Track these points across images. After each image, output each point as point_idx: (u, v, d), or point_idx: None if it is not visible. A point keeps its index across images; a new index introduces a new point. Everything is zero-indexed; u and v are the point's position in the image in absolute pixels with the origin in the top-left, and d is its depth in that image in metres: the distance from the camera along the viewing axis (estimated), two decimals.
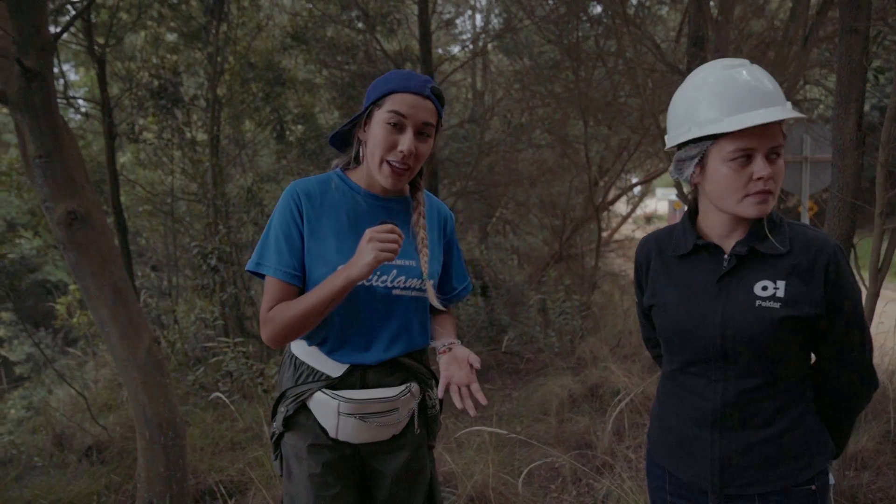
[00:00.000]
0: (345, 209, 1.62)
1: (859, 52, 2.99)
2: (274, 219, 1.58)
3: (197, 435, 4.53)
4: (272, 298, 1.54)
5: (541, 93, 8.45)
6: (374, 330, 1.61)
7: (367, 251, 1.43)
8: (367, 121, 1.59)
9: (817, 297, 1.33)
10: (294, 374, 1.64)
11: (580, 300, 7.46)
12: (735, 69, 1.35)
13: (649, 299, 1.53)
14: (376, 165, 1.56)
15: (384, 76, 1.58)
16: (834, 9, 4.84)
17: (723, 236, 1.43)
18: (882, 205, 2.94)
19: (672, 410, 1.51)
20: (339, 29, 8.55)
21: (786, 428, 1.37)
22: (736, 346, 1.36)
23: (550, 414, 4.90)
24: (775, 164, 1.32)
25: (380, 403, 1.60)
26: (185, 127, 7.69)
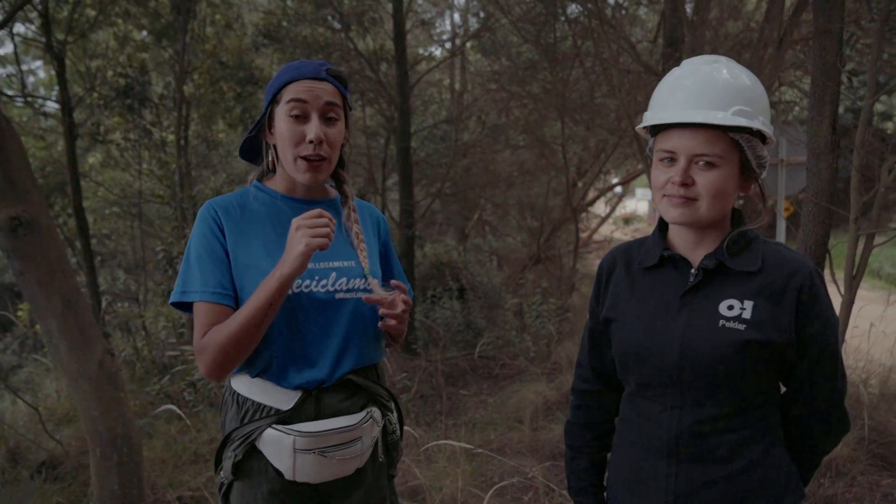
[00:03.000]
0: (268, 218, 1.49)
1: (833, 53, 2.94)
2: (192, 243, 1.44)
3: (159, 447, 4.37)
4: (204, 325, 1.38)
5: (518, 93, 8.37)
6: (321, 341, 1.45)
7: (296, 241, 1.31)
8: (270, 122, 1.48)
9: (786, 323, 1.22)
10: (238, 414, 1.46)
11: (557, 303, 7.38)
12: (712, 65, 1.26)
13: (607, 312, 1.40)
14: (291, 164, 1.45)
15: (277, 73, 1.49)
16: (808, 11, 4.80)
17: (689, 248, 1.32)
18: (857, 210, 2.88)
19: (628, 438, 1.38)
20: (314, 28, 8.40)
21: (749, 464, 1.25)
22: (694, 370, 1.24)
23: (524, 422, 4.80)
24: (705, 172, 1.21)
25: (340, 434, 1.44)
26: (153, 127, 7.49)
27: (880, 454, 3.94)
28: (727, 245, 1.28)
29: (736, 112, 1.19)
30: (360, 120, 9.62)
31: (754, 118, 1.21)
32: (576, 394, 1.54)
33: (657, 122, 1.25)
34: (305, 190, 1.53)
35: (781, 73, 5.49)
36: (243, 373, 1.46)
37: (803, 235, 2.98)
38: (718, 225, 1.30)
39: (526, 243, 11.22)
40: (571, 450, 1.53)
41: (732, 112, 1.19)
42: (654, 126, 1.28)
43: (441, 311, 7.99)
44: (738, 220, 1.32)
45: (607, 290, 1.43)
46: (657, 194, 1.28)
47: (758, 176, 1.28)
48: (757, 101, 1.23)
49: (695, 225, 1.27)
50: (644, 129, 1.34)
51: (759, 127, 1.21)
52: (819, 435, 1.33)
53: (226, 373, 1.39)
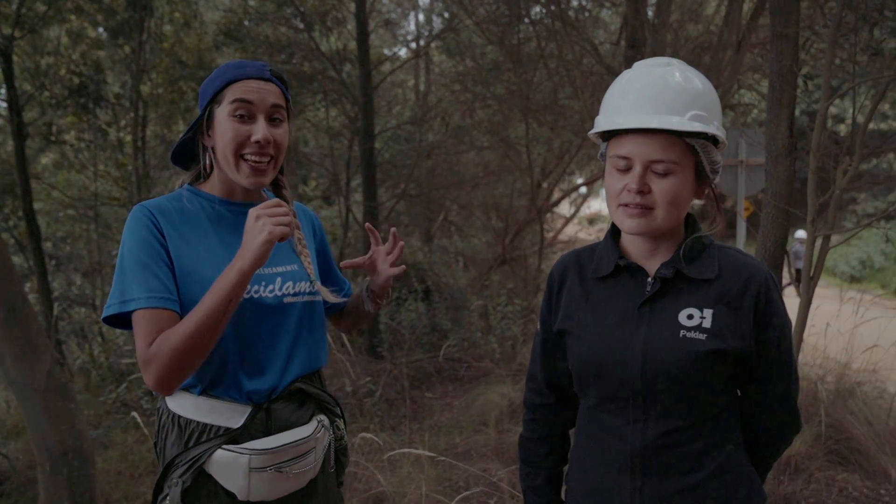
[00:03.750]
0: (207, 222, 1.42)
1: (790, 58, 2.97)
2: (127, 248, 1.33)
3: (115, 458, 4.24)
4: (150, 332, 1.26)
5: (482, 94, 8.37)
6: (270, 348, 1.40)
7: (257, 230, 1.25)
8: (209, 123, 1.40)
9: (745, 330, 1.21)
10: (181, 438, 1.36)
11: (522, 304, 7.38)
12: (664, 68, 1.22)
13: (561, 324, 1.35)
14: (233, 166, 1.38)
15: (214, 72, 1.40)
16: (765, 15, 4.89)
17: (644, 256, 1.29)
18: (814, 212, 2.92)
19: (589, 452, 1.34)
20: (276, 27, 8.27)
21: (713, 472, 1.23)
22: (657, 383, 1.21)
23: (490, 425, 4.79)
24: (661, 179, 1.18)
25: (295, 447, 1.39)
26: (109, 127, 7.28)
27: (836, 450, 4.03)
28: (683, 252, 1.25)
29: (692, 117, 1.17)
30: (324, 121, 9.51)
31: (710, 123, 1.19)
32: (529, 407, 1.49)
33: (612, 128, 1.21)
34: (244, 193, 1.47)
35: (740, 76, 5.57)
36: (186, 391, 1.38)
37: (762, 237, 3.01)
38: (673, 232, 1.27)
39: (491, 244, 11.23)
40: (527, 465, 1.49)
41: (689, 117, 1.16)
42: (606, 131, 1.25)
43: (406, 314, 7.93)
44: (693, 226, 1.30)
45: (559, 301, 1.38)
46: (612, 203, 1.24)
47: (711, 181, 1.25)
48: (711, 105, 1.21)
49: (651, 234, 1.24)
50: (596, 134, 1.30)
51: (715, 132, 1.19)
52: (775, 437, 1.32)
53: (178, 383, 1.28)
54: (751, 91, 6.66)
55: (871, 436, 4.11)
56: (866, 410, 4.41)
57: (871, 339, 4.66)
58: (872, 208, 17.39)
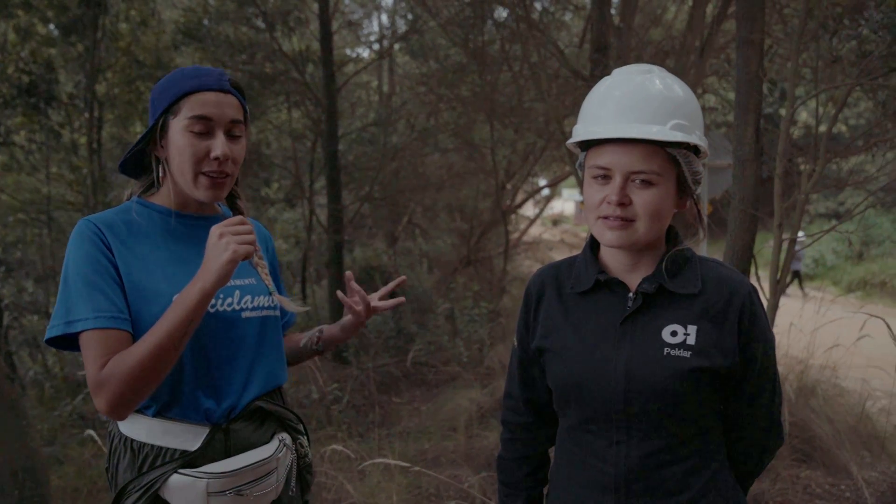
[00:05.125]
0: (159, 236, 1.35)
1: (756, 63, 3.01)
2: (72, 266, 1.25)
3: (71, 474, 4.07)
4: (101, 355, 1.19)
5: (447, 96, 8.34)
6: (228, 364, 1.35)
7: (220, 248, 1.20)
8: (162, 133, 1.32)
9: (730, 346, 1.18)
10: (134, 462, 1.29)
11: (488, 306, 7.37)
12: (644, 75, 1.18)
13: (540, 342, 1.30)
14: (190, 181, 1.31)
15: (168, 78, 1.32)
16: (727, 20, 4.97)
17: (626, 271, 1.25)
18: (780, 216, 2.96)
19: (570, 474, 1.29)
20: (237, 27, 8.11)
21: (699, 493, 1.20)
22: (641, 403, 1.17)
23: (459, 430, 4.75)
24: (643, 191, 1.14)
25: (255, 469, 1.33)
26: (62, 129, 7.03)
27: (800, 448, 4.11)
28: (665, 266, 1.22)
29: (674, 126, 1.13)
30: (286, 122, 9.36)
31: (691, 132, 1.15)
32: (507, 427, 1.44)
33: (590, 138, 1.17)
34: (197, 206, 1.41)
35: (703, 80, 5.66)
36: (139, 413, 1.31)
37: (730, 240, 3.04)
38: (654, 245, 1.23)
39: (456, 245, 11.21)
40: (506, 486, 1.44)
41: (670, 126, 1.13)
42: (585, 140, 1.21)
43: (372, 318, 7.85)
44: (674, 239, 1.26)
45: (537, 318, 1.33)
46: (591, 215, 1.20)
47: (693, 192, 1.22)
48: (693, 114, 1.17)
49: (632, 247, 1.20)
50: (574, 144, 1.26)
51: (697, 142, 1.16)
52: (759, 451, 1.30)
53: (133, 407, 1.22)
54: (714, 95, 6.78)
55: (831, 433, 4.21)
56: (827, 408, 4.51)
57: (832, 337, 4.76)
58: (824, 208, 17.95)
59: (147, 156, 1.38)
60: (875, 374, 4.80)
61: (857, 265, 15.77)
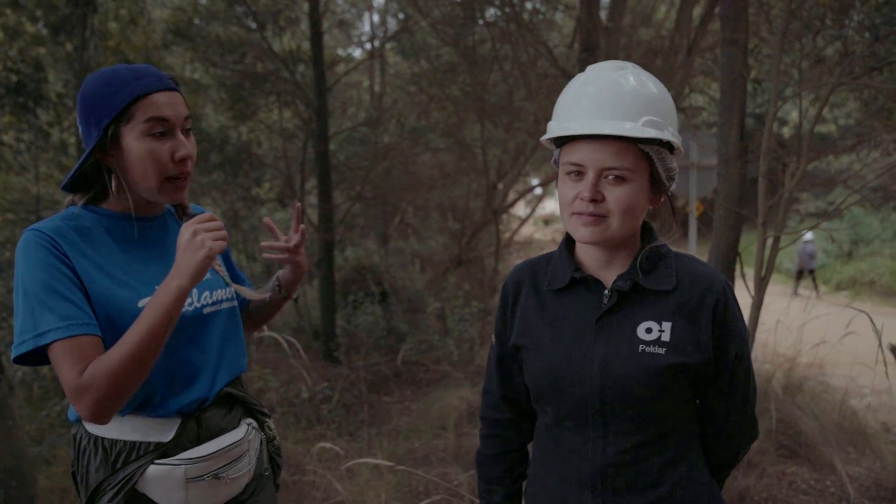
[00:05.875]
0: (111, 240, 1.33)
1: (739, 63, 3.03)
2: (27, 277, 1.21)
3: (60, 474, 4.05)
4: (77, 362, 1.16)
5: (438, 95, 8.35)
6: (197, 359, 1.37)
7: (196, 246, 1.21)
8: (112, 143, 1.28)
9: (704, 341, 1.19)
10: (106, 460, 1.30)
11: (479, 306, 7.39)
12: (618, 72, 1.19)
13: (517, 339, 1.31)
14: (154, 187, 1.30)
15: (101, 85, 1.26)
16: (715, 20, 5.00)
17: (600, 267, 1.26)
18: (764, 214, 2.99)
19: (548, 469, 1.30)
20: (227, 26, 8.09)
21: (675, 486, 1.22)
22: (616, 399, 1.19)
23: (449, 428, 4.76)
24: (615, 187, 1.15)
25: (229, 451, 1.38)
26: (51, 128, 6.99)
27: (786, 444, 4.14)
28: (640, 263, 1.23)
29: (646, 123, 1.14)
30: (277, 122, 9.34)
31: (664, 129, 1.16)
32: (486, 423, 1.45)
33: (563, 134, 1.18)
34: (147, 207, 1.39)
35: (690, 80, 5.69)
36: None
37: (715, 239, 3.06)
38: (629, 242, 1.25)
39: (448, 245, 11.23)
40: (486, 482, 1.45)
41: (642, 123, 1.14)
42: (559, 136, 1.22)
43: (363, 317, 7.85)
44: (649, 235, 1.28)
45: (514, 314, 1.34)
46: (565, 211, 1.21)
47: (667, 189, 1.24)
48: (666, 110, 1.18)
49: (606, 244, 1.21)
50: (549, 140, 1.27)
51: (669, 138, 1.17)
52: (734, 445, 1.32)
53: (116, 410, 1.21)
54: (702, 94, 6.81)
55: (817, 430, 4.24)
56: (813, 405, 4.55)
57: (818, 335, 4.80)
58: (814, 208, 18.06)
59: (90, 166, 1.32)
60: (860, 371, 4.85)
61: (846, 264, 15.90)
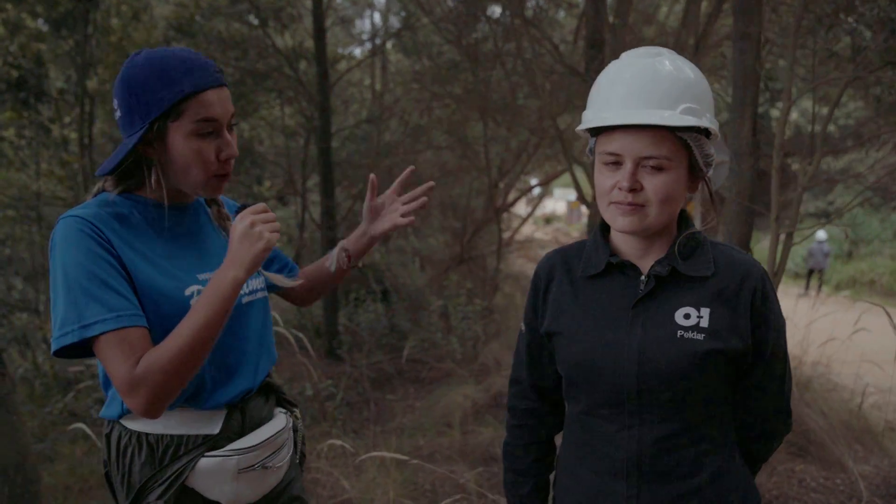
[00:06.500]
0: (149, 229, 1.29)
1: (752, 57, 3.01)
2: (70, 265, 1.15)
3: (63, 472, 4.03)
4: (129, 355, 1.12)
5: (440, 93, 8.31)
6: (239, 352, 1.36)
7: (254, 237, 1.19)
8: (157, 136, 1.23)
9: (742, 328, 1.17)
10: (152, 458, 1.27)
11: (482, 304, 7.36)
12: (654, 58, 1.16)
13: (549, 325, 1.29)
14: (199, 183, 1.27)
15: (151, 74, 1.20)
16: (723, 17, 4.98)
17: (638, 256, 1.24)
18: (777, 209, 2.96)
19: (580, 459, 1.28)
20: (229, 22, 8.05)
21: (711, 477, 1.20)
22: (654, 386, 1.17)
23: (454, 426, 4.74)
24: (654, 176, 1.13)
25: (275, 441, 1.38)
26: (52, 124, 6.95)
27: (795, 442, 4.12)
28: (678, 249, 1.21)
29: (684, 110, 1.11)
30: (279, 119, 9.31)
31: (702, 115, 1.14)
32: (514, 413, 1.43)
33: (600, 124, 1.16)
34: (180, 196, 1.35)
35: None
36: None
37: (727, 234, 3.04)
38: (666, 229, 1.23)
39: (449, 244, 11.20)
40: (514, 473, 1.43)
41: (681, 110, 1.11)
42: (594, 126, 1.19)
43: (365, 315, 7.82)
44: (685, 222, 1.26)
45: (546, 301, 1.32)
46: (603, 200, 1.19)
47: (705, 175, 1.21)
48: (703, 96, 1.16)
49: (644, 233, 1.19)
50: (584, 130, 1.24)
51: (707, 125, 1.14)
52: (768, 436, 1.30)
53: (168, 403, 1.17)
54: None
55: (826, 428, 4.23)
56: (821, 403, 4.53)
57: (825, 333, 4.78)
58: (814, 208, 18.05)
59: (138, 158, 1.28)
60: (867, 370, 4.83)
61: (846, 264, 15.90)
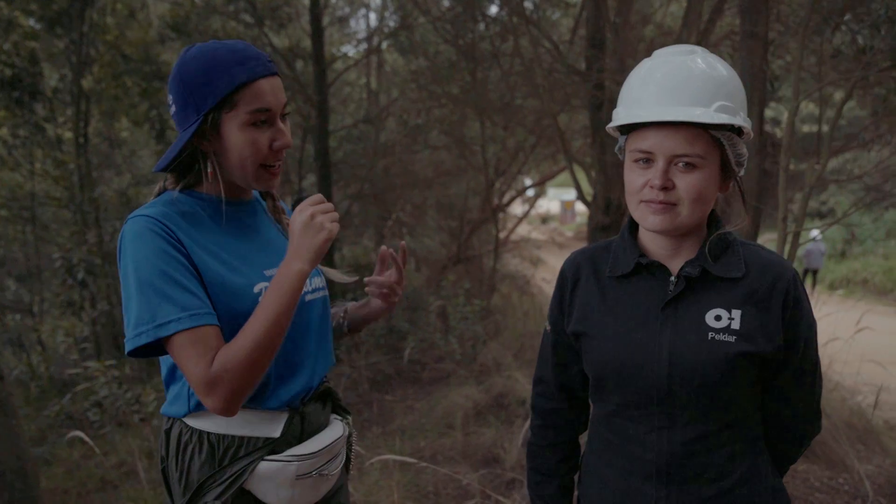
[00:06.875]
0: (214, 225, 1.29)
1: (759, 56, 3.00)
2: (142, 264, 1.15)
3: (60, 475, 3.99)
4: (204, 353, 1.12)
5: (437, 93, 8.28)
6: (300, 350, 1.34)
7: (314, 229, 1.18)
8: (210, 129, 1.22)
9: (774, 330, 1.16)
10: (212, 457, 1.25)
11: (481, 304, 7.33)
12: (687, 56, 1.15)
13: (576, 326, 1.28)
14: (251, 174, 1.26)
15: (204, 65, 1.19)
16: (722, 17, 4.97)
17: (667, 256, 1.23)
18: (784, 209, 2.95)
19: (607, 461, 1.27)
20: (225, 21, 8.00)
21: (740, 480, 1.19)
22: (684, 387, 1.15)
23: (455, 427, 4.71)
24: (686, 175, 1.11)
25: (332, 448, 1.34)
26: (47, 123, 6.89)
27: None
28: (708, 250, 1.19)
29: (719, 108, 1.10)
30: None
31: (736, 114, 1.13)
32: (539, 413, 1.42)
33: (633, 121, 1.14)
34: (238, 192, 1.35)
35: None
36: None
37: None
38: (696, 229, 1.21)
39: (445, 244, 11.17)
40: (538, 474, 1.42)
41: (715, 108, 1.10)
42: (626, 123, 1.17)
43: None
44: (715, 223, 1.24)
45: (573, 301, 1.31)
46: (633, 199, 1.18)
47: (736, 174, 1.20)
48: (736, 94, 1.14)
49: (675, 232, 1.18)
50: (613, 128, 1.23)
51: (741, 124, 1.13)
52: (798, 437, 1.29)
53: (244, 400, 1.17)
54: None
55: (829, 428, 4.22)
56: (824, 402, 4.52)
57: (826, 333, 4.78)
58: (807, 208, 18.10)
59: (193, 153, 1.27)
60: (868, 370, 4.84)
61: (840, 263, 15.98)
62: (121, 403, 4.45)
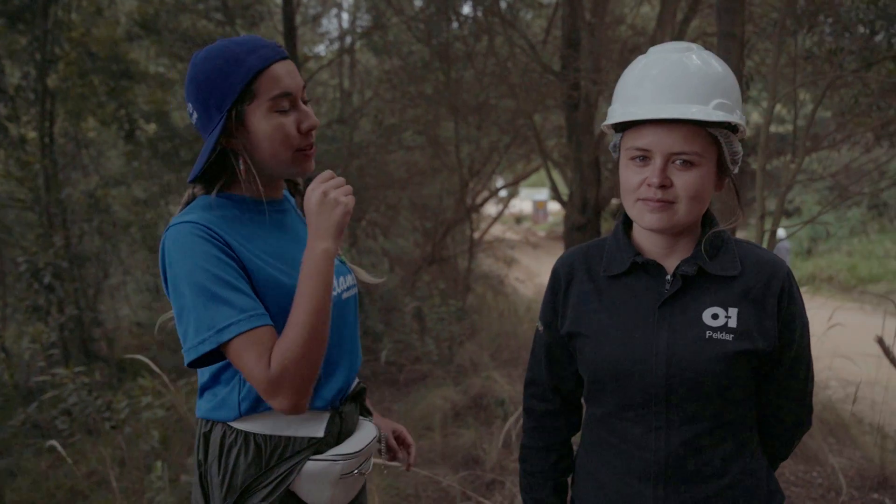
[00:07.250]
0: (254, 226, 1.27)
1: (737, 56, 3.03)
2: (194, 270, 1.14)
3: (26, 487, 3.86)
4: (262, 354, 1.11)
5: (411, 93, 8.25)
6: (338, 348, 1.32)
7: (330, 205, 1.17)
8: (237, 125, 1.21)
9: (770, 328, 1.17)
10: (258, 459, 1.23)
11: (457, 304, 7.32)
12: (682, 53, 1.15)
13: (571, 326, 1.27)
14: (286, 163, 1.25)
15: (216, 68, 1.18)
16: (698, 16, 5.03)
17: (662, 254, 1.22)
18: (762, 208, 2.99)
19: (603, 462, 1.26)
20: (196, 19, 7.86)
21: (737, 477, 1.19)
22: (683, 387, 1.15)
23: (434, 429, 4.69)
24: (684, 172, 1.12)
25: (370, 448, 1.35)
26: (10, 122, 6.69)
27: None
28: (704, 248, 1.19)
29: (716, 106, 1.10)
30: None
31: (733, 111, 1.13)
32: (531, 415, 1.40)
33: (629, 119, 1.13)
34: (271, 192, 1.33)
35: None
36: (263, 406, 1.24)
37: None
38: (691, 228, 1.21)
39: (419, 244, 11.14)
40: (531, 476, 1.40)
41: (713, 106, 1.10)
42: (620, 122, 1.17)
43: None
44: (710, 221, 1.24)
45: (567, 301, 1.29)
46: (630, 197, 1.17)
47: (731, 172, 1.20)
48: (732, 91, 1.14)
49: (672, 230, 1.17)
50: (608, 126, 1.22)
51: (738, 121, 1.13)
52: (790, 434, 1.30)
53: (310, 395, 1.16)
54: None
55: None
56: None
57: None
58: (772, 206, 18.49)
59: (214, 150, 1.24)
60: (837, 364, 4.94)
61: (806, 261, 16.32)
62: (90, 410, 4.33)
